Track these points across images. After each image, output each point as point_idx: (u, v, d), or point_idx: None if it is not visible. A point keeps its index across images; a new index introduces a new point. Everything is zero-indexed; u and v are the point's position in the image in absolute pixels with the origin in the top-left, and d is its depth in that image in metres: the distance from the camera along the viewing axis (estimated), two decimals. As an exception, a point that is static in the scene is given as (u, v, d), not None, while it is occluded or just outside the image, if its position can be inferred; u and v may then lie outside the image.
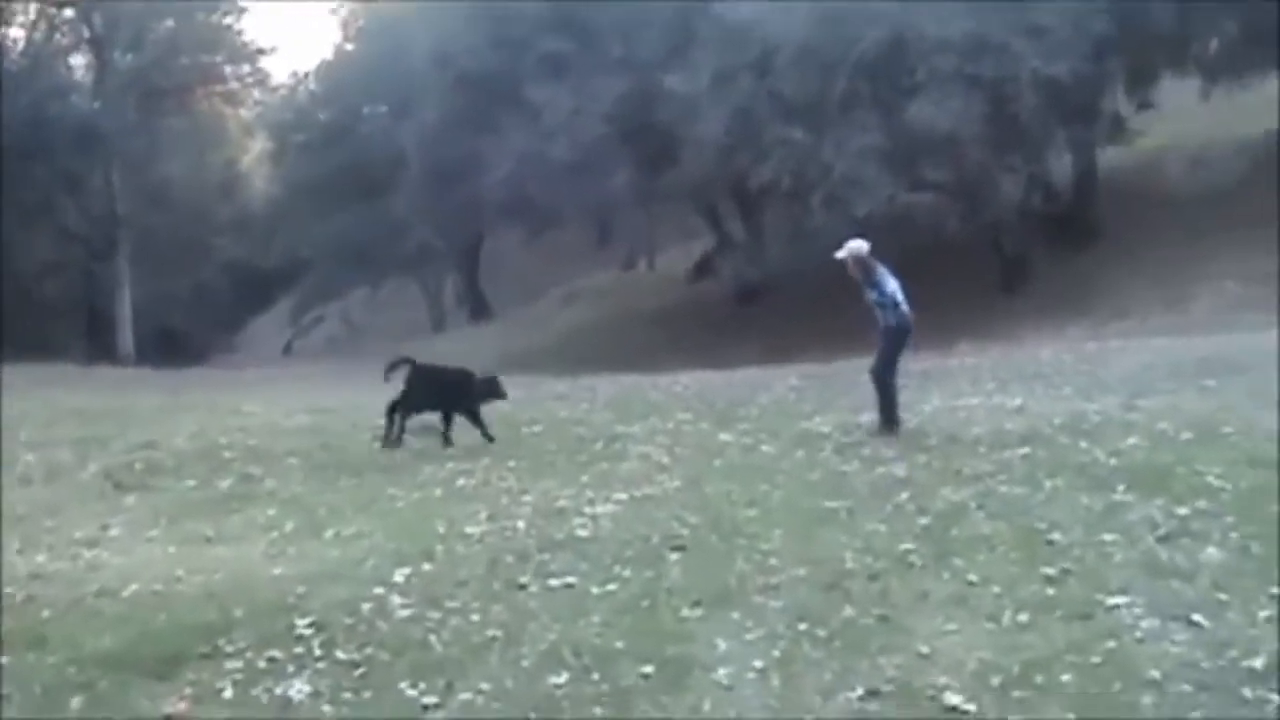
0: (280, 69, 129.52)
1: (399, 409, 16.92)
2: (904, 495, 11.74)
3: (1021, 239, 34.64)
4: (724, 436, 16.38)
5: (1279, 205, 33.35)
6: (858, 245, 15.87)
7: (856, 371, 24.29)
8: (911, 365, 22.55)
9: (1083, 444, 13.44)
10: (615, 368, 31.34)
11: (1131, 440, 13.34)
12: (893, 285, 15.65)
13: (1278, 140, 35.27)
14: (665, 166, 38.34)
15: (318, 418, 20.42)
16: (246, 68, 57.04)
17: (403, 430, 16.99)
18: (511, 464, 15.25)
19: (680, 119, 33.89)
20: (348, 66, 58.41)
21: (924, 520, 10.78)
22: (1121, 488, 11.19)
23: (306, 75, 62.17)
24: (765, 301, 40.70)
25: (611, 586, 9.74)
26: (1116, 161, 38.03)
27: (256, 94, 60.49)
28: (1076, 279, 33.16)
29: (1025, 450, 13.40)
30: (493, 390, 17.76)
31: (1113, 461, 12.33)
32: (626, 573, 10.03)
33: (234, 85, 58.58)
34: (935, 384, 18.55)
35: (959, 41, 30.86)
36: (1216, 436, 13.15)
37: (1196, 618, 7.94)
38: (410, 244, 51.79)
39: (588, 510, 12.28)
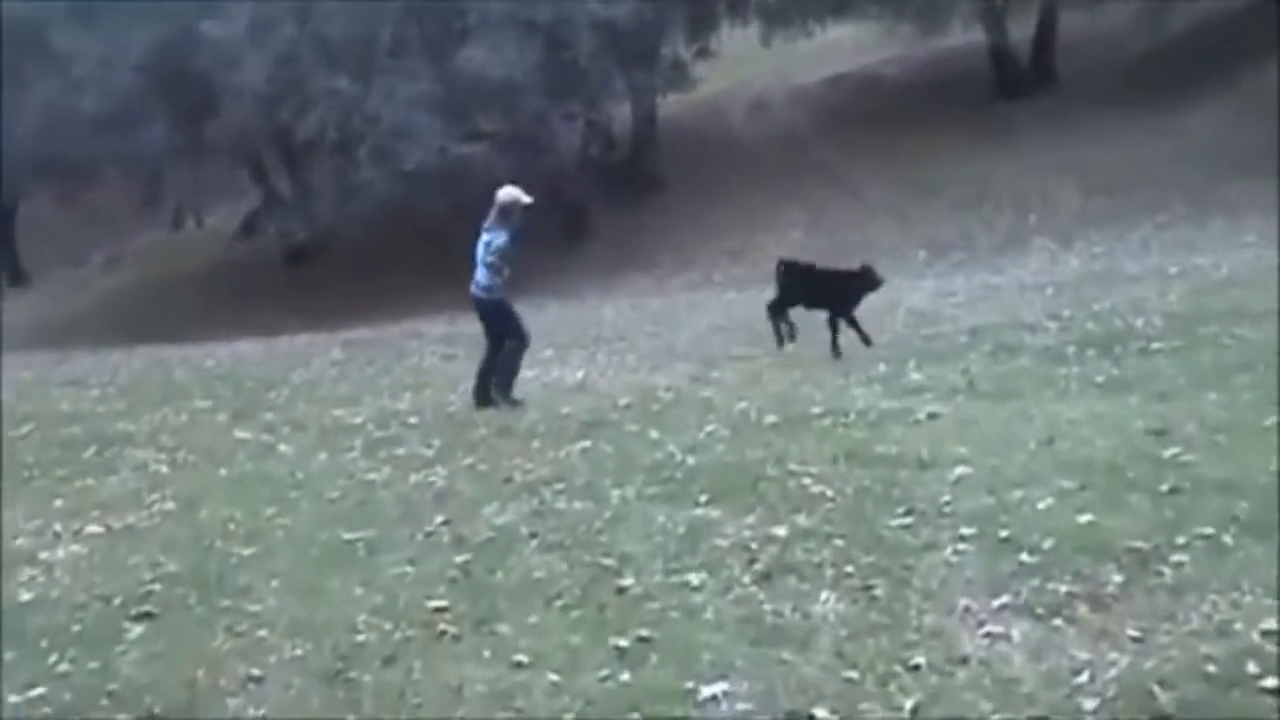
0: None
1: (775, 309, 16.00)
2: (439, 517, 9.26)
3: (582, 189, 33.20)
4: (240, 433, 13.70)
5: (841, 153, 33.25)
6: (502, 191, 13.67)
7: (405, 337, 22.40)
8: (465, 329, 20.64)
9: (654, 433, 11.33)
10: (158, 336, 28.76)
11: (710, 428, 11.27)
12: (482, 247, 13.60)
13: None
14: (206, 119, 35.25)
15: None
16: None
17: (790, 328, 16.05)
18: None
19: (219, 67, 30.90)
20: None
21: (462, 556, 8.33)
22: (704, 498, 9.03)
23: None
24: (314, 261, 38.26)
25: (37, 691, 6.90)
26: (677, 109, 36.95)
27: None
28: (639, 230, 32.03)
29: (587, 444, 11.21)
30: (867, 282, 15.84)
31: (690, 460, 10.18)
32: (64, 665, 7.23)
33: None
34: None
35: (512, -18, 29.10)
36: (806, 420, 11.20)
37: (822, 714, 5.81)
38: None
39: (46, 555, 9.44)
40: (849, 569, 7.34)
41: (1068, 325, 14.86)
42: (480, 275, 13.63)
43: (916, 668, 6.08)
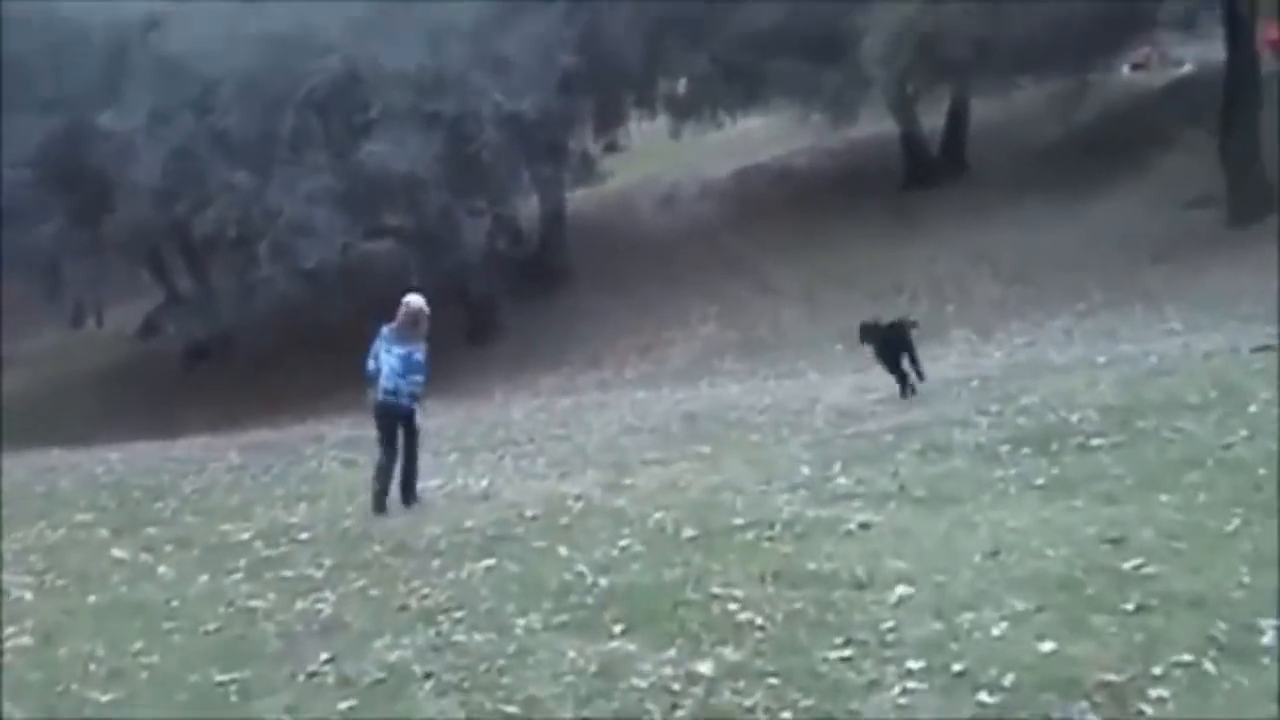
0: None
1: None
2: (324, 654, 8.22)
3: (488, 286, 32.39)
4: (118, 552, 12.61)
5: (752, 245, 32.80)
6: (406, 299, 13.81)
7: (305, 441, 21.42)
8: (368, 433, 19.77)
9: (563, 550, 10.38)
10: (54, 439, 27.65)
11: (624, 543, 10.34)
12: (372, 364, 13.76)
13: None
14: (102, 214, 34.21)
15: None
16: None
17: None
18: None
19: (115, 161, 29.94)
20: None
21: (347, 701, 7.30)
22: (619, 628, 8.07)
23: None
24: (216, 361, 37.20)
25: None
26: (586, 204, 36.36)
27: None
28: (548, 327, 31.34)
29: (491, 562, 10.24)
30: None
31: (603, 581, 9.22)
32: None
33: None
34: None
35: (416, 75, 28.68)
36: (727, 533, 10.28)
37: None
38: None
39: None
40: (785, 715, 6.42)
41: (998, 421, 14.10)
42: (402, 384, 13.48)
43: None
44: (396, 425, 13.64)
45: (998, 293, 27.34)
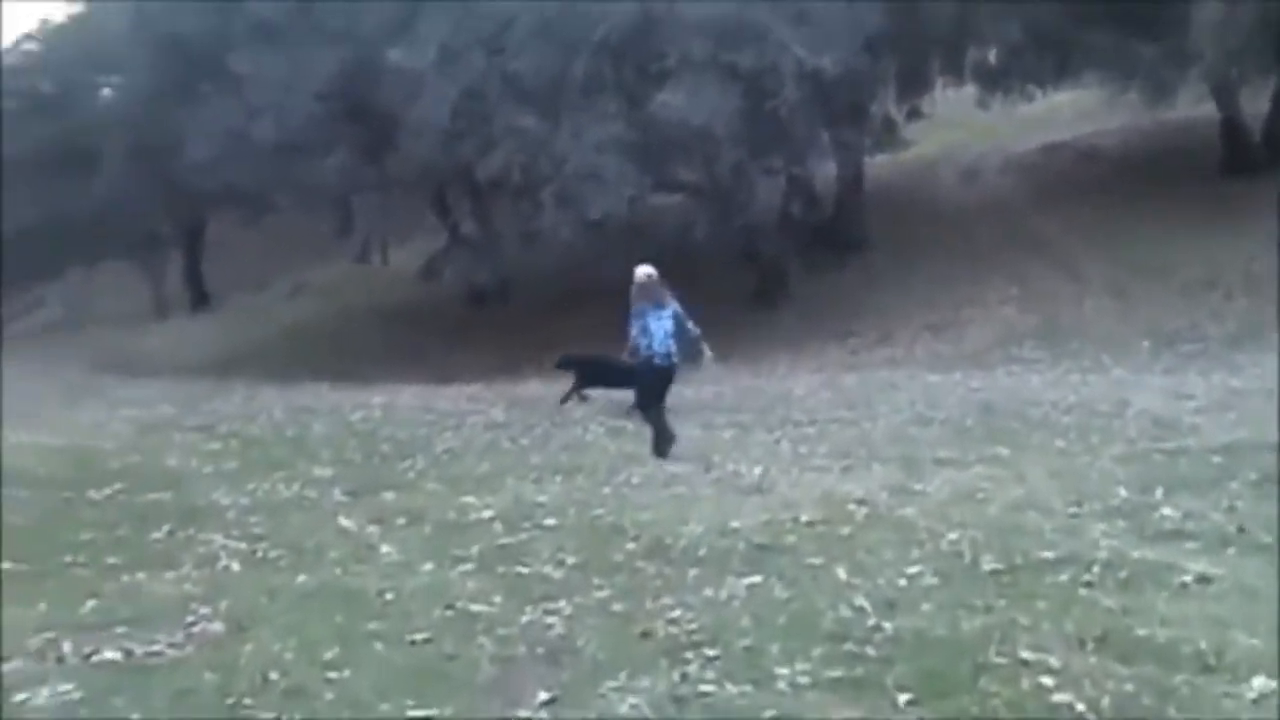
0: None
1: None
2: (544, 693, 6.71)
3: (780, 249, 31.06)
4: (345, 521, 11.53)
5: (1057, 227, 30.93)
6: (641, 271, 15.02)
7: (575, 402, 20.35)
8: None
9: (841, 571, 8.81)
10: (329, 372, 27.47)
11: (914, 569, 8.77)
12: (638, 331, 14.89)
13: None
14: (388, 151, 33.83)
15: None
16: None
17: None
18: (26, 567, 9.91)
19: (403, 99, 29.41)
20: (70, 28, 51.76)
21: None
22: (905, 698, 6.40)
23: (26, 36, 55.44)
24: (494, 307, 36.67)
25: None
26: (884, 171, 34.68)
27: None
28: (838, 296, 29.99)
29: (755, 580, 8.73)
30: None
31: (887, 626, 7.59)
32: None
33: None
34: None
35: (715, 24, 27.60)
36: (1036, 570, 8.64)
37: None
38: (123, 223, 45.38)
39: (25, 696, 6.93)
40: None
41: (1350, 451, 12.17)
42: (673, 346, 14.68)
43: None
44: (668, 387, 14.98)
45: (1324, 297, 24.88)
